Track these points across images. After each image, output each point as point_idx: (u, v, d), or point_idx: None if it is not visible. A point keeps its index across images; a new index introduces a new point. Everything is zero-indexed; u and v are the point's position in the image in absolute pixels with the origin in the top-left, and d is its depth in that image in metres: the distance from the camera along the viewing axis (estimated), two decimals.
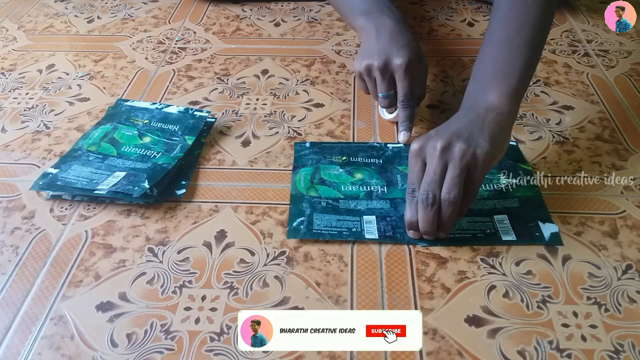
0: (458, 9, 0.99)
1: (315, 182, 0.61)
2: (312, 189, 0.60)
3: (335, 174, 0.62)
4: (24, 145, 0.69)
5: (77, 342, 0.47)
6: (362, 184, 0.61)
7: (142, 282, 0.52)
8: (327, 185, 0.61)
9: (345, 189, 0.60)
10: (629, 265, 0.52)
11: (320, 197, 0.59)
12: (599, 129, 0.69)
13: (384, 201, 0.59)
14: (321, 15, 0.98)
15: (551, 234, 0.55)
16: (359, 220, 0.57)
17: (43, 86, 0.80)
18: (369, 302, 0.50)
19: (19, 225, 0.58)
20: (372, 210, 0.58)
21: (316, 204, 0.58)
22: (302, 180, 0.61)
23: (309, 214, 0.57)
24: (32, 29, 0.95)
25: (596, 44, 0.88)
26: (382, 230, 0.55)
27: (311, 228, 0.56)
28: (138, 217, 0.59)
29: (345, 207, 0.58)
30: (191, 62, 0.85)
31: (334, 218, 0.57)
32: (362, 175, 0.62)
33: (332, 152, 0.66)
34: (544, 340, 0.46)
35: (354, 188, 0.61)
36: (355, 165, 0.64)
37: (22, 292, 0.51)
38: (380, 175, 0.62)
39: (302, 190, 0.60)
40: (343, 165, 0.64)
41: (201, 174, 0.64)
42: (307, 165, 0.64)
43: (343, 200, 0.59)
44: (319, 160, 0.64)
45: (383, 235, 0.55)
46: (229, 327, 0.48)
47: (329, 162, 0.64)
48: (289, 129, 0.71)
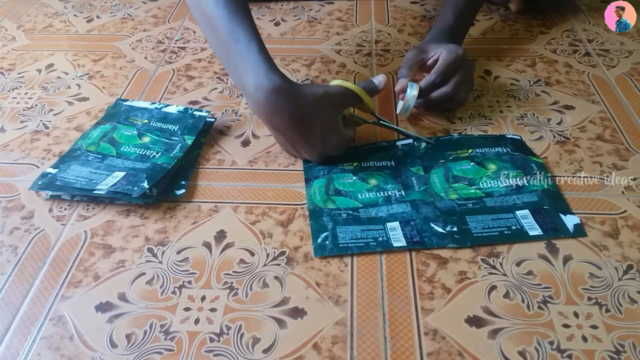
0: None
1: (330, 193, 0.60)
2: (329, 201, 0.59)
3: (349, 183, 0.61)
4: (23, 145, 0.68)
5: (76, 342, 0.47)
6: (379, 190, 0.60)
7: (142, 283, 0.52)
8: (344, 195, 0.60)
9: (362, 197, 0.59)
10: (630, 266, 0.52)
11: (339, 208, 0.58)
12: (599, 128, 0.69)
13: (404, 204, 0.58)
14: (321, 14, 0.98)
15: (574, 225, 0.56)
16: (383, 228, 0.56)
17: (42, 86, 0.79)
18: (369, 302, 0.50)
19: (18, 225, 0.58)
20: (394, 215, 0.57)
21: (337, 216, 0.57)
22: (318, 194, 0.60)
23: (331, 228, 0.56)
24: (32, 28, 0.95)
25: (597, 43, 0.88)
26: (408, 237, 0.55)
27: (337, 243, 0.54)
28: (137, 217, 0.58)
29: (367, 215, 0.57)
30: (191, 62, 0.84)
31: (357, 229, 0.55)
32: (376, 181, 0.61)
33: (342, 159, 0.64)
34: (544, 340, 0.46)
35: (371, 195, 0.59)
36: (368, 170, 0.63)
37: (22, 293, 0.51)
38: (395, 180, 0.61)
39: (319, 204, 0.58)
40: (355, 172, 0.62)
41: (201, 174, 0.64)
42: (319, 177, 0.62)
43: (363, 209, 0.58)
44: (330, 169, 0.63)
45: (411, 241, 0.54)
46: (229, 327, 0.48)
47: (341, 171, 0.62)
48: None
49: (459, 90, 0.69)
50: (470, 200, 0.58)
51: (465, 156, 0.64)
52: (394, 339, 0.47)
